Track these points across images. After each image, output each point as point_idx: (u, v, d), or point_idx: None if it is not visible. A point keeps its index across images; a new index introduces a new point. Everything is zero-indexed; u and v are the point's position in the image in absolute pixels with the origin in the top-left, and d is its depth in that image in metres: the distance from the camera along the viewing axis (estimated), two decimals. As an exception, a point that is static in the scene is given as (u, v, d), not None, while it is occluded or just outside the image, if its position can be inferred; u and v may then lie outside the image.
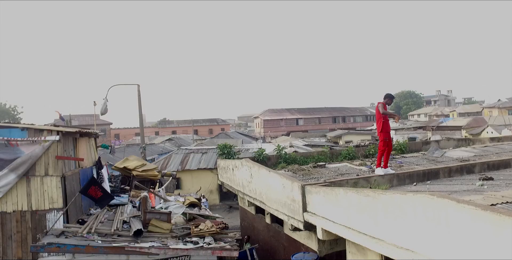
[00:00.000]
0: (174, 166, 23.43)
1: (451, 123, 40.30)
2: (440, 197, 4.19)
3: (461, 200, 4.02)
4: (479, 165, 9.15)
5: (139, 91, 17.71)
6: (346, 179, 7.86)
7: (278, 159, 14.00)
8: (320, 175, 10.28)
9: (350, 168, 11.01)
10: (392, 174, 8.26)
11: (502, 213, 3.53)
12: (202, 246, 8.57)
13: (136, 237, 8.49)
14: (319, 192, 6.72)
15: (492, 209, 3.68)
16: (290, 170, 11.12)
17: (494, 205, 4.34)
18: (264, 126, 56.71)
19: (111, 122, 51.57)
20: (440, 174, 8.57)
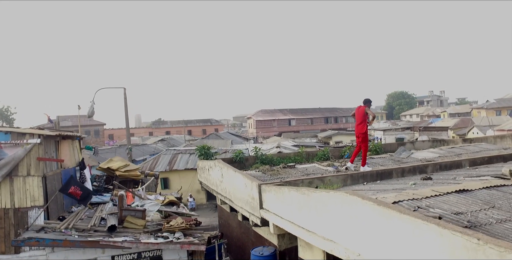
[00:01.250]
0: (162, 166, 24.06)
1: (439, 124, 41.02)
2: (351, 195, 4.88)
3: (365, 197, 4.69)
4: (431, 165, 9.79)
5: (125, 94, 18.34)
6: (301, 179, 8.51)
7: (255, 159, 14.62)
8: (287, 175, 10.93)
9: (318, 169, 11.67)
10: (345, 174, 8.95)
11: (390, 207, 4.22)
12: (172, 240, 9.26)
13: (110, 232, 9.15)
14: (271, 190, 7.40)
15: (384, 204, 4.35)
16: (261, 170, 11.77)
17: (401, 201, 5.00)
18: (257, 126, 57.41)
19: (104, 123, 52.22)
20: (393, 174, 9.23)
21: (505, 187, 5.70)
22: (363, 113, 9.96)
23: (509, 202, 4.93)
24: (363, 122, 10.02)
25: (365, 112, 9.96)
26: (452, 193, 5.34)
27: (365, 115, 9.90)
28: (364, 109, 9.88)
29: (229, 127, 76.89)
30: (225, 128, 68.36)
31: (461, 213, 4.51)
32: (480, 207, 4.74)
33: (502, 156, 10.84)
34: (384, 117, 78.61)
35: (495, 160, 10.58)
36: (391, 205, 4.31)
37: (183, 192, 24.51)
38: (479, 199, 5.07)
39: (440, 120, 46.16)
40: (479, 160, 10.40)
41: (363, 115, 9.96)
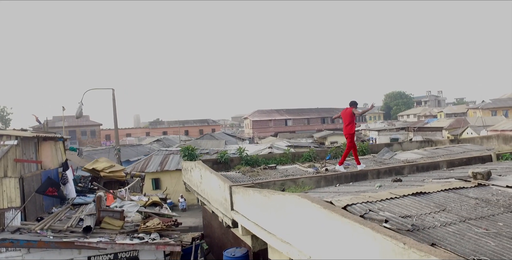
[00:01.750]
0: (154, 166, 24.10)
1: (435, 124, 40.98)
2: (303, 197, 4.89)
3: (314, 200, 4.71)
4: (408, 167, 9.79)
5: (113, 95, 18.37)
6: (274, 180, 8.53)
7: (240, 160, 14.63)
8: (266, 176, 10.95)
9: (298, 170, 11.69)
10: (319, 175, 8.96)
11: (334, 211, 4.24)
12: (147, 241, 9.28)
13: (86, 233, 9.18)
14: (239, 192, 7.41)
15: (330, 207, 4.37)
16: (241, 171, 11.79)
17: (355, 204, 5.00)
18: (253, 127, 57.40)
19: (100, 124, 52.27)
20: (369, 176, 9.24)
21: (464, 189, 5.70)
22: (350, 115, 10.20)
23: (461, 205, 4.94)
24: (351, 123, 10.29)
25: (352, 113, 10.12)
26: (408, 195, 5.34)
27: (352, 117, 10.14)
28: (351, 111, 10.10)
29: (227, 128, 77.00)
30: (222, 128, 68.41)
31: (409, 216, 4.52)
32: (431, 210, 4.74)
33: (481, 157, 10.84)
34: (381, 117, 78.68)
35: (474, 161, 10.57)
36: (336, 208, 4.32)
37: (174, 192, 24.64)
38: (433, 202, 5.08)
39: (435, 120, 46.12)
40: (457, 161, 10.40)
41: (351, 116, 10.20)
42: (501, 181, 6.10)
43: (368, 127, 46.41)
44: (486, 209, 4.74)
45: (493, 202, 5.05)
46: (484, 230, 4.07)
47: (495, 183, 5.97)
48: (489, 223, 4.29)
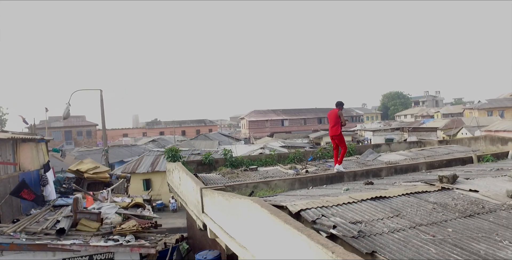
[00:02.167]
0: (145, 167, 24.03)
1: (430, 124, 40.83)
2: (254, 202, 4.82)
3: (264, 205, 4.63)
4: (386, 169, 9.69)
5: (101, 96, 18.30)
6: (246, 183, 8.45)
7: (225, 161, 14.55)
8: (245, 178, 10.86)
9: (278, 171, 11.60)
10: (293, 178, 8.88)
11: (278, 216, 4.16)
12: (122, 243, 9.22)
13: (59, 235, 9.11)
14: (208, 195, 7.33)
15: (275, 212, 4.29)
16: (222, 173, 11.70)
17: (309, 209, 4.91)
18: (249, 127, 57.29)
19: (96, 124, 52.13)
20: (345, 178, 9.14)
21: (426, 193, 5.61)
22: (336, 116, 10.12)
23: (418, 210, 4.85)
24: (337, 124, 10.18)
25: (337, 115, 10.06)
26: (367, 200, 5.25)
27: (338, 118, 10.05)
28: (337, 112, 10.05)
29: (225, 128, 76.94)
30: (219, 129, 68.34)
31: (360, 222, 4.44)
32: (385, 215, 4.66)
33: (462, 159, 10.74)
34: (379, 117, 78.53)
35: (454, 163, 10.48)
36: (281, 213, 4.24)
37: (165, 193, 24.54)
38: (390, 207, 4.99)
39: (431, 121, 45.99)
40: (437, 163, 10.30)
41: (336, 117, 10.12)
42: (466, 184, 6.02)
43: (364, 128, 46.27)
44: (441, 214, 4.66)
45: (450, 206, 4.97)
46: (431, 237, 3.99)
47: (459, 186, 5.89)
48: (439, 229, 4.21)
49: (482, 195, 5.46)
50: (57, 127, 46.57)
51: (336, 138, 10.32)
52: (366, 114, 75.61)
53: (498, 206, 5.00)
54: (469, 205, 5.00)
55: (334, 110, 10.31)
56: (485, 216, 4.62)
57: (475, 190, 5.63)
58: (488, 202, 5.15)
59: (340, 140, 10.43)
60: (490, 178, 6.63)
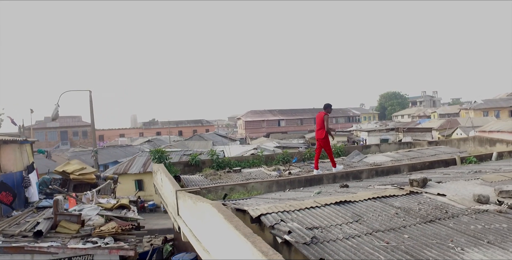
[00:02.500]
0: (136, 168, 23.98)
1: (426, 125, 40.77)
2: (213, 206, 4.77)
3: (221, 209, 4.58)
4: (366, 171, 9.63)
5: (90, 97, 18.26)
6: (222, 185, 8.38)
7: (212, 163, 14.49)
8: (227, 180, 10.82)
9: (262, 173, 11.56)
10: (271, 180, 8.83)
11: (230, 222, 4.12)
12: (100, 245, 9.16)
13: (37, 237, 9.06)
14: (181, 197, 7.29)
15: (229, 217, 4.24)
16: (205, 175, 11.66)
17: (269, 213, 4.84)
18: (246, 127, 57.22)
19: (93, 124, 52.01)
20: (324, 180, 9.09)
21: (393, 197, 5.55)
22: (322, 120, 10.17)
23: (380, 215, 4.79)
24: (322, 128, 10.26)
25: (323, 119, 10.09)
26: (330, 204, 5.19)
27: (323, 122, 10.09)
28: (323, 117, 10.12)
29: (223, 128, 76.84)
30: (217, 129, 68.30)
31: (316, 227, 4.37)
32: (344, 221, 4.60)
33: (445, 161, 10.68)
34: (376, 117, 78.44)
35: (437, 165, 10.42)
36: (234, 218, 4.19)
37: (133, 194, 24.50)
38: (352, 212, 4.93)
39: (427, 121, 45.91)
40: (419, 165, 10.24)
41: (323, 121, 10.15)
42: (435, 188, 5.96)
43: (360, 128, 46.21)
44: (401, 220, 4.60)
45: (413, 211, 4.90)
46: (385, 243, 3.93)
47: (429, 190, 5.83)
48: (396, 235, 4.15)
49: (449, 199, 5.40)
50: (52, 127, 46.52)
51: (322, 141, 10.39)
52: (363, 115, 75.54)
53: (462, 210, 4.94)
54: (432, 210, 4.94)
55: (321, 114, 10.39)
56: (446, 221, 4.56)
57: (443, 194, 5.58)
58: (453, 207, 5.09)
59: (325, 144, 10.53)
60: (462, 181, 6.58)
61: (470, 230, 4.24)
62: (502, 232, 4.14)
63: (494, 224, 4.40)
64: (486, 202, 5.23)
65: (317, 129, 10.42)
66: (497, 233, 4.13)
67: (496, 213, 4.82)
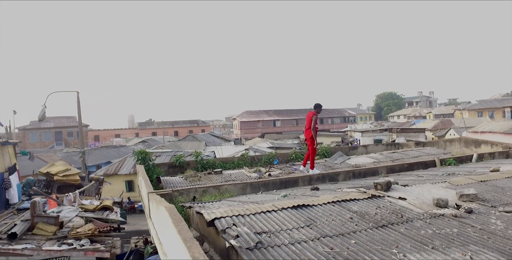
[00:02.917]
0: (127, 169, 23.95)
1: (420, 125, 40.76)
2: (167, 210, 4.75)
3: (172, 212, 4.57)
4: (344, 173, 9.61)
5: (78, 98, 18.21)
6: (195, 187, 8.36)
7: (196, 164, 14.45)
8: (206, 181, 10.80)
9: (242, 175, 11.53)
10: (245, 182, 8.80)
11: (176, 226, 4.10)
12: (76, 247, 9.14)
13: (11, 239, 9.03)
14: (151, 199, 7.26)
15: (177, 221, 4.22)
16: (185, 176, 11.64)
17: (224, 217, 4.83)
18: (241, 128, 57.19)
19: (87, 124, 52.10)
20: (299, 182, 9.06)
21: (352, 201, 5.52)
22: (310, 120, 10.27)
23: (334, 220, 4.76)
24: (310, 128, 10.32)
25: (311, 119, 10.17)
26: (287, 208, 5.16)
27: (312, 122, 10.18)
28: (311, 117, 10.23)
29: (219, 128, 76.76)
30: (214, 129, 68.27)
31: (265, 232, 4.35)
32: (296, 225, 4.57)
33: (425, 163, 10.67)
34: (372, 118, 78.41)
35: (416, 166, 10.40)
36: (180, 223, 4.17)
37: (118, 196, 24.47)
38: (307, 216, 4.91)
39: (422, 121, 45.92)
40: (397, 167, 10.23)
41: (311, 121, 10.25)
42: (399, 192, 5.94)
43: (355, 128, 46.20)
44: (354, 225, 4.57)
45: (369, 216, 4.88)
46: (329, 249, 3.91)
47: (391, 194, 5.81)
48: (343, 240, 4.12)
49: (408, 203, 5.38)
50: (47, 128, 46.47)
51: (309, 140, 10.51)
52: (359, 115, 75.50)
53: (418, 215, 4.91)
54: (388, 214, 4.92)
55: (310, 113, 10.49)
56: (398, 226, 4.53)
57: (404, 198, 5.56)
58: (411, 211, 5.07)
59: (311, 143, 10.54)
60: (429, 184, 6.56)
61: (419, 235, 4.22)
62: (450, 237, 4.13)
63: (445, 229, 4.38)
64: (445, 206, 5.22)
65: (306, 128, 10.54)
66: (445, 238, 4.12)
67: (451, 217, 4.81)
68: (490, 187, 6.32)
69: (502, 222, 4.61)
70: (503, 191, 6.02)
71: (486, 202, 5.43)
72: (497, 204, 5.36)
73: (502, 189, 6.15)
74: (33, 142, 45.33)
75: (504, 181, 6.70)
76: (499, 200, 5.59)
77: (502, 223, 4.58)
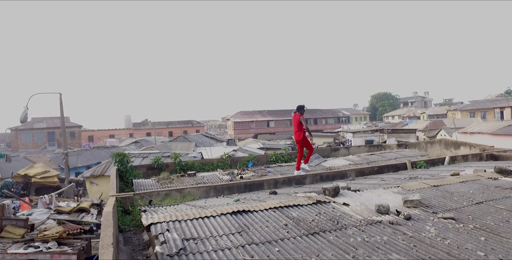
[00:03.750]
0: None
1: (413, 126, 40.76)
2: (105, 213, 4.77)
3: (106, 218, 4.59)
4: (310, 176, 9.61)
5: (61, 99, 18.20)
6: (158, 191, 8.36)
7: (175, 166, 14.44)
8: (178, 184, 10.79)
9: (215, 177, 11.52)
10: (208, 186, 8.79)
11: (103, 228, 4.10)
12: (42, 250, 9.12)
13: (-25, 243, 9.01)
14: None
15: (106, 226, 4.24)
16: (158, 179, 11.62)
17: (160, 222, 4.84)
18: (235, 128, 57.19)
19: (80, 125, 52.06)
20: (264, 186, 9.05)
21: (294, 207, 5.50)
22: (298, 122, 10.22)
23: (268, 226, 4.75)
24: (300, 130, 10.31)
25: (299, 121, 10.15)
26: (227, 214, 5.16)
27: (300, 124, 10.17)
28: (298, 119, 10.15)
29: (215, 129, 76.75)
30: (210, 129, 68.29)
31: (194, 238, 4.35)
32: (228, 232, 4.56)
33: (396, 165, 10.67)
34: (367, 118, 78.42)
35: (386, 169, 10.41)
36: (108, 228, 4.19)
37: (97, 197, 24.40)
38: (242, 222, 4.90)
39: (414, 122, 45.93)
40: (367, 170, 10.22)
41: (299, 123, 10.21)
42: (345, 197, 5.93)
43: (347, 129, 46.20)
44: (285, 232, 4.56)
45: (305, 223, 4.87)
46: (249, 257, 3.91)
47: (337, 199, 5.80)
48: (267, 248, 4.11)
49: (350, 210, 5.38)
50: (40, 128, 46.46)
51: (301, 142, 10.50)
52: (354, 115, 75.49)
53: (355, 222, 4.90)
54: (325, 221, 4.91)
55: (296, 116, 10.40)
56: (329, 234, 4.52)
57: (347, 203, 5.55)
58: (350, 218, 5.06)
59: (306, 143, 10.59)
60: (381, 189, 6.55)
61: (347, 243, 4.21)
62: (376, 246, 4.12)
63: (376, 237, 4.38)
64: (386, 213, 5.21)
65: (295, 131, 10.52)
66: (371, 246, 4.11)
67: (387, 224, 4.80)
68: (440, 192, 6.31)
69: (435, 229, 4.60)
70: (451, 196, 6.01)
71: (429, 208, 5.43)
72: (439, 210, 5.36)
73: (451, 194, 6.15)
74: (25, 143, 45.32)
75: (457, 185, 6.69)
76: (443, 205, 5.58)
77: (435, 230, 4.57)
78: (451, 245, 4.11)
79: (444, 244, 4.14)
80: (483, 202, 5.70)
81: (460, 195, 6.10)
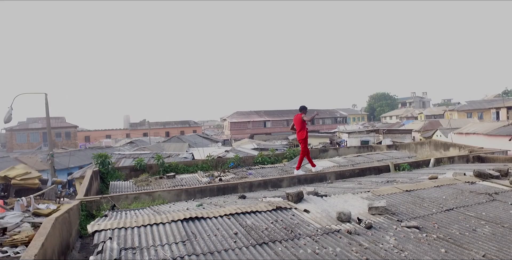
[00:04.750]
0: (104, 170, 23.64)
1: (409, 126, 40.40)
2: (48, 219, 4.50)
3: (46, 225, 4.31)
4: (287, 179, 9.33)
5: (46, 100, 17.94)
6: (126, 194, 8.09)
7: (159, 167, 14.19)
8: (155, 187, 10.53)
9: (194, 179, 11.25)
10: (180, 189, 8.51)
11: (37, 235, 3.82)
12: (9, 255, 8.85)
13: None
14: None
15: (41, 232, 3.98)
16: (135, 180, 11.37)
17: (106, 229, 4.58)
18: (231, 128, 56.90)
19: (76, 126, 51.80)
20: (239, 189, 8.77)
21: (251, 214, 5.20)
22: (301, 121, 10.27)
23: (216, 235, 4.46)
24: (303, 129, 10.35)
25: (302, 120, 10.19)
26: (178, 221, 4.87)
27: (303, 123, 10.25)
28: (301, 117, 10.21)
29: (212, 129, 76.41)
30: (208, 130, 67.98)
31: (133, 247, 4.07)
32: (172, 241, 4.27)
33: (378, 168, 10.37)
34: (365, 119, 77.95)
35: (368, 172, 10.12)
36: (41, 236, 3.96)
37: None
38: (190, 230, 4.60)
39: (411, 122, 45.56)
40: (348, 172, 9.94)
41: (301, 123, 10.27)
42: (309, 203, 5.64)
43: (344, 129, 45.85)
44: (233, 242, 4.27)
45: (257, 231, 4.57)
46: (185, 270, 3.63)
47: (299, 206, 5.51)
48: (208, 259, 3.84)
49: (310, 217, 5.09)
50: (35, 128, 46.22)
51: (302, 142, 10.47)
52: (352, 116, 75.02)
53: (312, 231, 4.61)
54: (279, 230, 4.62)
55: (298, 116, 10.38)
56: (280, 244, 4.23)
57: (308, 210, 5.27)
58: (307, 226, 4.77)
59: (304, 144, 10.46)
60: (350, 194, 6.26)
61: (294, 255, 3.92)
62: (325, 258, 3.83)
63: (328, 248, 4.08)
64: (347, 221, 4.92)
65: (297, 131, 10.44)
66: (318, 258, 3.83)
67: (344, 234, 4.51)
68: (411, 197, 6.02)
69: (395, 240, 4.31)
70: (422, 202, 5.72)
71: (394, 216, 5.14)
72: (405, 217, 5.07)
73: (422, 199, 5.86)
74: (20, 143, 45.07)
75: (431, 190, 6.40)
76: (411, 212, 5.29)
77: (395, 241, 4.28)
78: (407, 257, 3.82)
79: (400, 257, 3.85)
80: (453, 209, 5.41)
81: (432, 200, 5.81)
